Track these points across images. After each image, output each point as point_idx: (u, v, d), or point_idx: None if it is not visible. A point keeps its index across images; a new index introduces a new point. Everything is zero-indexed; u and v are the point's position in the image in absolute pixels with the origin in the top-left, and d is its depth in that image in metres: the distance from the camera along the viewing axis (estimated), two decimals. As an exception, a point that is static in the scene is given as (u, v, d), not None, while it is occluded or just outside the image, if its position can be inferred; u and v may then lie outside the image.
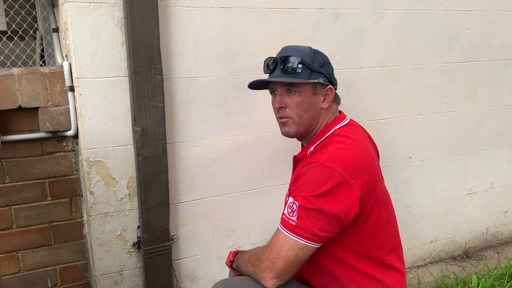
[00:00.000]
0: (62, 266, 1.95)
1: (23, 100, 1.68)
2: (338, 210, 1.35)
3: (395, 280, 1.55)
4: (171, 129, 1.86)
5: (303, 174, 1.41)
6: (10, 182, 1.78)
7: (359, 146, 1.50)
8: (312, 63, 1.47)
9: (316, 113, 1.52)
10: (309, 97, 1.49)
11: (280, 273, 1.38)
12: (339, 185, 1.35)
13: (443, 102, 2.50)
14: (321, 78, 1.48)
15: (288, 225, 1.37)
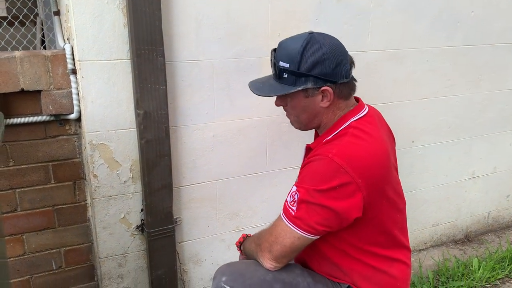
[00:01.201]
0: (67, 249, 1.97)
1: (26, 83, 1.68)
2: (339, 209, 1.33)
3: (400, 271, 1.54)
4: (174, 113, 1.86)
5: (310, 164, 1.38)
6: (14, 166, 1.79)
7: (376, 143, 1.42)
8: (299, 68, 1.36)
9: (315, 112, 1.45)
10: (301, 100, 1.42)
11: (277, 256, 1.41)
12: (344, 184, 1.31)
13: (446, 86, 2.48)
14: (309, 83, 1.37)
15: (288, 214, 1.37)
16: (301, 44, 1.36)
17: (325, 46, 1.36)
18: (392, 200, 1.47)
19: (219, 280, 1.50)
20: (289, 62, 1.37)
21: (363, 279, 1.51)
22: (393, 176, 1.50)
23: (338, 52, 1.38)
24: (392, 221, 1.49)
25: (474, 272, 2.47)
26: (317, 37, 1.38)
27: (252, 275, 1.47)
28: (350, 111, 1.46)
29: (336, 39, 1.43)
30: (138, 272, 1.99)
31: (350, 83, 1.44)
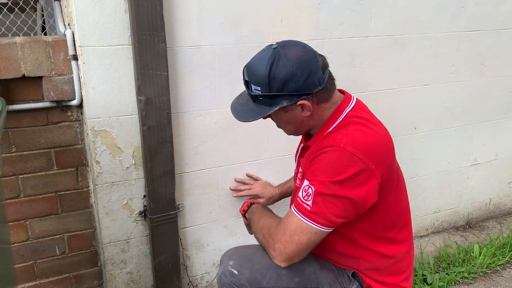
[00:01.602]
0: (70, 235, 1.98)
1: (27, 69, 1.67)
2: (356, 197, 1.33)
3: (406, 254, 1.56)
4: (175, 99, 1.86)
5: (321, 156, 1.36)
6: (16, 152, 1.79)
7: (379, 128, 1.45)
8: (270, 90, 1.33)
9: (301, 121, 1.44)
10: (283, 115, 1.42)
11: (291, 257, 1.39)
12: (360, 172, 1.31)
13: (450, 72, 2.47)
14: (284, 101, 1.35)
15: (302, 210, 1.35)
16: (266, 65, 1.33)
17: (291, 61, 1.32)
18: (397, 181, 1.49)
19: (227, 264, 1.51)
20: (259, 86, 1.35)
21: (369, 265, 1.53)
22: (394, 154, 1.52)
23: (305, 63, 1.33)
24: (399, 201, 1.51)
25: (475, 258, 2.48)
26: (281, 52, 1.34)
27: (259, 260, 1.47)
28: (340, 105, 1.45)
29: (302, 47, 1.37)
30: (141, 258, 2.01)
31: (327, 86, 1.40)
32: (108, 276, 1.97)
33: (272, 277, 1.46)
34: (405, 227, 1.56)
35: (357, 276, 1.54)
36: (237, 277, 1.48)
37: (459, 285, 2.33)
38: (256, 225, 1.57)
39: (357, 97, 1.52)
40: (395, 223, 1.50)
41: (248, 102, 1.44)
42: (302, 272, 1.49)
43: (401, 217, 1.53)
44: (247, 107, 1.43)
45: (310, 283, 1.49)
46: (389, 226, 1.49)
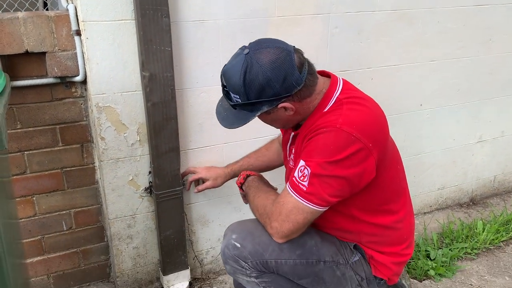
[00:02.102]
0: (76, 210, 2.00)
1: (30, 44, 1.66)
2: (352, 176, 1.34)
3: (404, 222, 1.58)
4: (180, 75, 1.84)
5: (317, 137, 1.36)
6: (21, 128, 1.80)
7: (372, 105, 1.45)
8: (248, 98, 1.33)
9: (286, 119, 1.44)
10: (267, 117, 1.43)
11: (288, 234, 1.42)
12: (358, 151, 1.32)
13: (457, 48, 2.43)
14: (264, 107, 1.36)
15: (298, 190, 1.36)
16: (240, 74, 1.31)
17: (264, 67, 1.30)
18: (392, 155, 1.51)
19: (230, 237, 1.54)
20: (238, 95, 1.35)
21: (370, 238, 1.55)
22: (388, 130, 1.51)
23: (279, 66, 1.31)
24: (395, 175, 1.53)
25: (478, 234, 2.50)
26: (253, 58, 1.31)
27: (261, 234, 1.50)
28: (326, 93, 1.43)
29: (275, 48, 1.33)
30: (147, 233, 2.03)
31: (306, 83, 1.37)
32: (114, 251, 1.99)
33: (274, 250, 1.48)
34: (402, 198, 1.58)
35: (359, 248, 1.57)
36: (239, 250, 1.50)
37: (462, 260, 2.35)
38: (252, 202, 1.59)
39: (343, 78, 1.50)
40: (392, 196, 1.52)
41: (230, 107, 1.43)
42: (303, 245, 1.51)
43: (398, 189, 1.55)
44: (230, 113, 1.44)
45: (312, 255, 1.52)
46: (386, 200, 1.51)
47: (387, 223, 1.53)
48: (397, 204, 1.55)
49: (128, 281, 2.07)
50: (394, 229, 1.55)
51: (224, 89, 1.40)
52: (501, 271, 2.26)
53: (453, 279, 2.19)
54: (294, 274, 1.53)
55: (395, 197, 1.54)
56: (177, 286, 2.08)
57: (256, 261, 1.49)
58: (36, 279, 2.02)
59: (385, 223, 1.53)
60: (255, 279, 1.54)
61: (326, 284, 1.58)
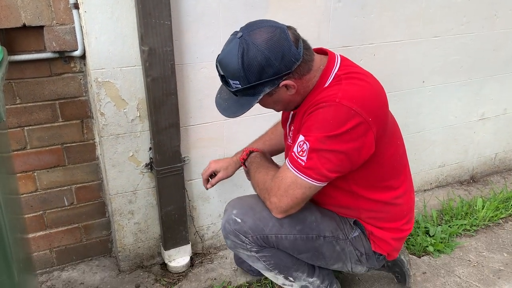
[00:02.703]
0: (77, 186, 2.01)
1: (27, 18, 1.64)
2: (351, 151, 1.33)
3: (405, 197, 1.58)
4: (179, 50, 1.82)
5: (316, 112, 1.35)
6: (21, 103, 1.79)
7: (372, 80, 1.44)
8: (249, 82, 1.32)
9: (288, 99, 1.43)
10: (268, 99, 1.42)
11: (286, 209, 1.43)
12: (358, 125, 1.31)
13: (461, 24, 2.39)
14: (266, 88, 1.35)
15: (297, 165, 1.36)
16: (237, 58, 1.30)
17: (261, 46, 1.29)
18: (392, 131, 1.50)
19: (230, 212, 1.55)
20: (237, 80, 1.33)
21: (370, 214, 1.56)
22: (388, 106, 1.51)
23: (276, 44, 1.29)
24: (395, 151, 1.53)
25: (478, 211, 2.51)
26: (248, 40, 1.30)
27: (261, 209, 1.51)
28: (324, 70, 1.42)
29: (268, 27, 1.32)
30: (148, 209, 2.04)
31: (304, 58, 1.36)
32: (116, 226, 2.01)
33: (274, 225, 1.49)
34: (402, 174, 1.58)
35: (359, 224, 1.58)
36: (240, 225, 1.51)
37: (461, 237, 2.36)
38: (253, 178, 1.60)
39: (340, 54, 1.48)
40: (392, 172, 1.53)
41: (230, 96, 1.42)
42: (303, 220, 1.52)
43: (398, 166, 1.55)
44: (231, 102, 1.42)
45: (312, 230, 1.53)
46: (386, 176, 1.51)
47: (387, 199, 1.54)
48: (397, 180, 1.55)
49: (129, 256, 2.09)
50: (394, 205, 1.55)
51: (223, 78, 1.39)
52: (500, 247, 2.28)
53: (451, 255, 2.21)
54: (294, 249, 1.55)
55: (395, 173, 1.54)
56: (178, 261, 2.10)
57: (257, 236, 1.51)
58: (39, 253, 2.04)
59: (385, 199, 1.53)
60: (255, 254, 1.55)
61: (326, 259, 1.59)
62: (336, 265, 1.64)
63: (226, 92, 1.44)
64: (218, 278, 2.06)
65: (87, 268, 2.12)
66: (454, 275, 2.07)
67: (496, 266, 2.14)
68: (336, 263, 1.62)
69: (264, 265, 1.58)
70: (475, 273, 2.09)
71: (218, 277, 2.07)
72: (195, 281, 2.05)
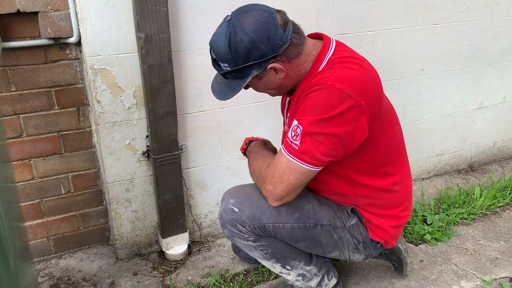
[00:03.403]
0: (74, 174, 2.00)
1: (21, 3, 1.61)
2: (345, 134, 1.33)
3: (402, 184, 1.58)
4: (176, 37, 1.80)
5: (309, 96, 1.35)
6: (16, 91, 1.77)
7: (365, 64, 1.44)
8: (236, 64, 1.33)
9: (278, 83, 1.43)
10: (258, 82, 1.42)
11: (282, 196, 1.42)
12: (350, 108, 1.30)
13: (461, 11, 2.37)
14: (254, 70, 1.35)
15: (291, 149, 1.36)
16: (224, 40, 1.31)
17: (247, 29, 1.30)
18: (388, 117, 1.50)
19: (227, 202, 1.54)
20: (226, 62, 1.35)
21: (367, 200, 1.55)
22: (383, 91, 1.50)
23: (262, 27, 1.30)
24: (392, 137, 1.52)
25: (475, 200, 2.51)
26: (236, 23, 1.31)
27: (258, 198, 1.50)
28: (318, 54, 1.41)
29: (257, 11, 1.33)
30: (146, 197, 2.04)
31: (293, 41, 1.35)
32: (113, 214, 2.00)
33: (271, 214, 1.49)
34: (399, 161, 1.58)
35: (356, 212, 1.57)
36: (237, 214, 1.51)
37: (458, 225, 2.37)
38: (250, 166, 1.60)
39: (336, 39, 1.47)
40: (389, 158, 1.52)
41: (223, 79, 1.43)
42: (301, 208, 1.52)
43: (395, 152, 1.54)
44: (224, 84, 1.44)
45: (309, 219, 1.53)
46: (383, 162, 1.51)
47: (384, 186, 1.53)
48: (394, 166, 1.54)
49: (127, 244, 2.09)
50: (391, 191, 1.55)
51: (214, 61, 1.40)
52: (497, 235, 2.29)
53: (448, 244, 2.21)
54: (291, 238, 1.55)
55: (392, 159, 1.53)
56: (176, 249, 2.10)
57: (254, 225, 1.50)
58: (36, 241, 2.04)
59: (381, 185, 1.53)
60: (252, 243, 1.55)
61: (323, 247, 1.59)
62: (334, 253, 1.64)
63: (219, 76, 1.46)
64: (215, 266, 2.07)
65: (85, 256, 2.12)
66: (451, 263, 2.08)
67: (493, 254, 2.14)
68: (334, 251, 1.62)
69: (261, 254, 1.58)
70: (472, 261, 2.10)
71: (216, 265, 2.07)
72: (192, 269, 2.05)
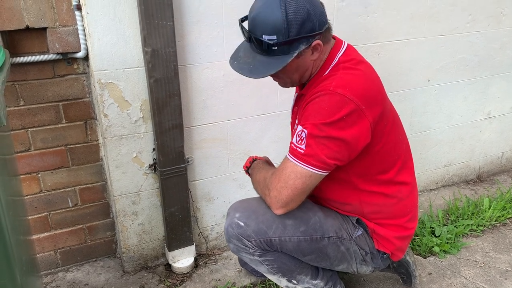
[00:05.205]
0: (81, 187, 2.01)
1: (30, 20, 1.64)
2: (349, 138, 1.33)
3: (407, 193, 1.57)
4: (182, 51, 1.82)
5: (312, 101, 1.37)
6: (24, 105, 1.79)
7: (367, 70, 1.45)
8: (288, 36, 1.29)
9: (306, 67, 1.42)
10: (293, 63, 1.37)
11: (287, 202, 1.40)
12: (352, 112, 1.32)
13: (467, 22, 2.37)
14: (302, 45, 1.33)
15: (296, 153, 1.36)
16: (280, 10, 1.28)
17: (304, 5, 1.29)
18: (393, 124, 1.50)
19: (233, 216, 1.54)
20: (276, 34, 1.29)
21: (372, 208, 1.55)
22: (388, 98, 1.51)
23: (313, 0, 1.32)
24: (395, 140, 1.52)
25: (484, 211, 2.48)
26: None
27: (264, 212, 1.49)
28: (332, 50, 1.44)
29: None
30: (152, 209, 2.04)
31: (328, 24, 1.39)
32: (120, 227, 2.01)
33: (277, 227, 1.48)
34: (405, 169, 1.57)
35: (362, 222, 1.57)
36: (243, 228, 1.50)
37: (467, 237, 2.34)
38: (254, 179, 1.59)
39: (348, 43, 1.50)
40: (392, 166, 1.52)
41: (256, 57, 1.37)
42: (307, 221, 1.51)
43: (400, 160, 1.54)
44: (258, 63, 1.36)
45: (316, 231, 1.52)
46: (387, 169, 1.51)
47: (390, 193, 1.53)
48: (400, 174, 1.54)
49: (134, 256, 2.09)
50: (397, 199, 1.54)
51: (253, 38, 1.34)
52: (506, 247, 2.25)
53: (457, 256, 2.19)
54: (298, 251, 1.54)
55: (397, 166, 1.53)
56: (183, 261, 2.10)
57: (260, 240, 1.50)
58: (44, 254, 2.05)
59: (387, 193, 1.52)
60: (258, 257, 1.54)
61: (331, 260, 1.58)
62: (341, 266, 1.62)
63: (249, 55, 1.39)
64: (222, 279, 2.06)
65: (92, 269, 2.13)
66: (460, 276, 2.05)
67: (503, 267, 2.11)
68: (341, 264, 1.61)
69: (267, 268, 1.57)
70: (481, 274, 2.07)
71: (222, 278, 2.07)
72: (199, 282, 2.04)
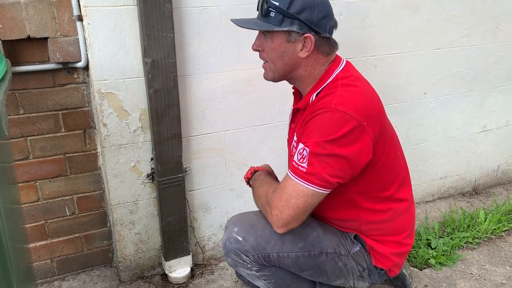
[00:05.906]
0: (79, 196, 2.01)
1: (32, 29, 1.66)
2: (351, 155, 1.34)
3: (405, 209, 1.58)
4: (182, 62, 1.84)
5: (313, 119, 1.37)
6: (24, 114, 1.80)
7: (366, 87, 1.47)
8: (288, 8, 1.34)
9: (292, 61, 1.43)
10: (282, 44, 1.40)
11: (288, 222, 1.38)
12: (353, 129, 1.32)
13: (463, 36, 2.40)
14: (294, 26, 1.35)
15: (298, 172, 1.35)
16: None
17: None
18: (391, 141, 1.51)
19: (231, 230, 1.53)
20: (279, 1, 1.36)
21: (369, 225, 1.55)
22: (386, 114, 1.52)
23: (327, 4, 1.40)
24: (395, 161, 1.53)
25: (480, 223, 2.50)
26: None
27: (263, 227, 1.49)
28: (331, 65, 1.46)
29: None
30: (149, 219, 2.04)
31: (331, 40, 1.44)
32: (117, 237, 2.01)
33: (276, 243, 1.48)
34: (403, 186, 1.58)
35: (359, 238, 1.57)
36: (241, 243, 1.50)
37: (463, 250, 2.35)
38: (255, 193, 1.58)
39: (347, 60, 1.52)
40: (392, 183, 1.52)
41: (254, 19, 1.45)
42: (306, 237, 1.51)
43: (398, 177, 1.55)
44: (252, 22, 1.44)
45: (314, 247, 1.52)
46: (387, 186, 1.51)
47: (388, 209, 1.53)
48: (398, 193, 1.54)
49: (130, 266, 2.09)
50: (396, 215, 1.55)
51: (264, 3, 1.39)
52: (502, 260, 2.26)
53: (453, 268, 2.19)
54: (296, 267, 1.54)
55: (396, 185, 1.54)
56: (179, 272, 2.10)
57: (258, 255, 1.49)
58: (40, 263, 2.04)
59: (386, 209, 1.53)
60: (256, 272, 1.54)
61: (328, 276, 1.58)
62: (338, 281, 1.62)
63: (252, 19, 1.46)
64: (218, 289, 2.06)
65: (88, 278, 2.12)
66: (456, 289, 2.06)
67: (498, 280, 2.12)
68: (338, 279, 1.61)
69: (264, 283, 1.57)
70: (477, 286, 2.07)
71: (219, 288, 2.07)
72: (195, 292, 2.04)
